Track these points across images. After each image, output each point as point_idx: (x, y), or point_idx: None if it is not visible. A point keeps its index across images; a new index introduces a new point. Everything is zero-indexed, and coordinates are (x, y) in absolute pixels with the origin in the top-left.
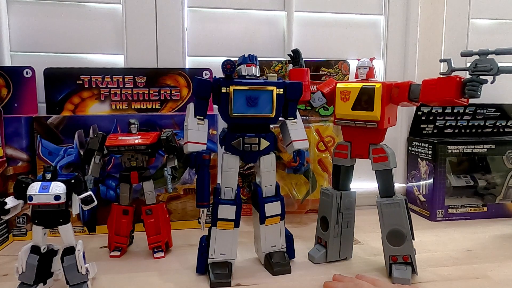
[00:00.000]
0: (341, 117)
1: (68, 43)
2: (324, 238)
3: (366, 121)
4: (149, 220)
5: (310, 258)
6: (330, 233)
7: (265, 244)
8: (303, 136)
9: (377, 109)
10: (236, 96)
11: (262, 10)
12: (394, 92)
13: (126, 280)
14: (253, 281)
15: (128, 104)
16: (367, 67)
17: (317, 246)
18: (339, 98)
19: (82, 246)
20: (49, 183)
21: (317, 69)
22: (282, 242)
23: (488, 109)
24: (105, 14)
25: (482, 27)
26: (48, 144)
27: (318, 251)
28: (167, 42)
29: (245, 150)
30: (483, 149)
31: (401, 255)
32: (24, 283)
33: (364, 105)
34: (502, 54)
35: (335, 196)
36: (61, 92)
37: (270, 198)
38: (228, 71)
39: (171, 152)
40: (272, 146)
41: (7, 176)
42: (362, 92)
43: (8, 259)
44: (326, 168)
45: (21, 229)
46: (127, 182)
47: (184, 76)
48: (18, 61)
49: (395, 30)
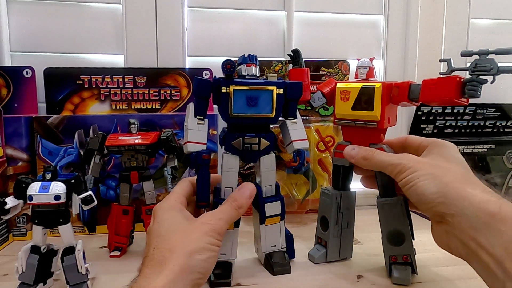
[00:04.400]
0: (341, 117)
1: (68, 43)
2: (324, 238)
3: (366, 121)
4: (149, 220)
5: (310, 258)
6: (330, 233)
7: (265, 244)
8: (303, 136)
9: (377, 109)
10: (236, 96)
11: (262, 10)
12: (394, 92)
13: (126, 280)
14: (253, 281)
15: (128, 104)
16: (367, 67)
17: (317, 246)
18: (339, 98)
19: (82, 246)
20: (49, 183)
21: (317, 69)
22: (282, 242)
23: (488, 109)
24: (105, 14)
25: (482, 27)
26: (48, 144)
27: (318, 251)
28: (167, 42)
29: (245, 150)
30: (483, 149)
31: (401, 255)
32: (24, 283)
33: (364, 105)
34: (502, 54)
35: (335, 196)
36: (61, 92)
37: (270, 198)
38: (228, 71)
39: (171, 152)
40: (272, 146)
41: (7, 176)
42: (362, 92)
43: (8, 259)
44: (326, 168)
45: (21, 229)
46: (127, 182)
47: (184, 76)
48: (18, 61)
49: (395, 30)
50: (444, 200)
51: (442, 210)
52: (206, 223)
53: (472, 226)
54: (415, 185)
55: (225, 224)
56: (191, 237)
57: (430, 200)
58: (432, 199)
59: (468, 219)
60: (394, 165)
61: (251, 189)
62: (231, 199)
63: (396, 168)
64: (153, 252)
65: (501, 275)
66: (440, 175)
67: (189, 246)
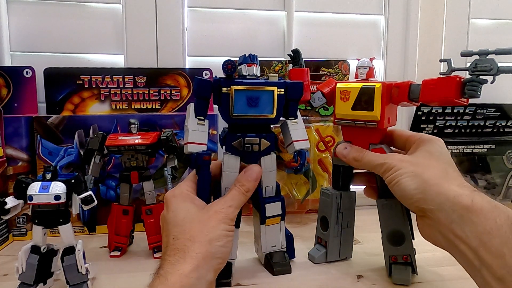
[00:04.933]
0: (341, 117)
1: (68, 43)
2: (324, 238)
3: (366, 121)
4: (149, 220)
5: (310, 258)
6: (330, 233)
7: (265, 244)
8: (304, 136)
9: (377, 109)
10: (237, 97)
11: (262, 10)
12: (394, 92)
13: (126, 280)
14: (253, 281)
15: (128, 104)
16: (367, 67)
17: (317, 246)
18: (339, 98)
19: (82, 246)
20: (49, 183)
21: (317, 69)
22: (282, 242)
23: (488, 109)
24: (105, 14)
25: (482, 27)
26: (48, 144)
27: (318, 251)
28: (167, 42)
29: (245, 150)
30: (483, 149)
31: (401, 255)
32: (24, 283)
33: (364, 105)
34: (502, 54)
35: (335, 196)
36: (61, 92)
37: (270, 199)
38: (229, 71)
39: (171, 152)
40: (273, 146)
41: (7, 176)
42: (362, 92)
43: (8, 259)
44: (326, 168)
45: (21, 229)
46: (127, 182)
47: (184, 76)
48: (18, 61)
49: (395, 30)
50: (424, 196)
51: (422, 205)
52: (219, 212)
53: (449, 219)
54: (398, 182)
55: (236, 209)
56: (208, 226)
57: (411, 196)
58: (412, 195)
59: (445, 213)
60: (380, 164)
61: (257, 171)
62: (238, 184)
63: (382, 167)
64: (174, 242)
65: (477, 263)
66: (420, 172)
67: (208, 235)
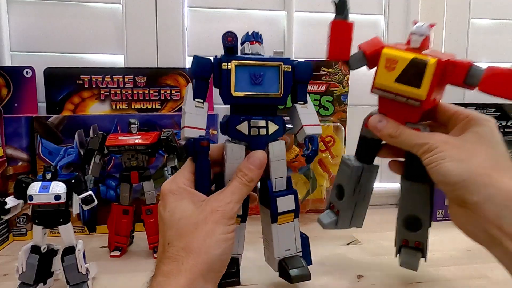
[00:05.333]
0: (380, 87)
1: (68, 43)
2: (337, 207)
3: (409, 97)
4: (149, 220)
5: (319, 222)
6: (344, 202)
7: (278, 248)
8: (315, 121)
9: (425, 87)
10: (239, 73)
11: (262, 10)
12: (448, 70)
13: (126, 280)
14: (253, 281)
15: (128, 104)
16: (423, 35)
17: (328, 212)
18: (383, 65)
19: (82, 246)
20: (49, 182)
21: (317, 69)
22: (297, 245)
23: (488, 109)
24: (105, 14)
25: (482, 27)
26: (48, 144)
27: (328, 217)
28: (167, 42)
29: (252, 135)
30: None
31: (414, 240)
32: (24, 283)
33: (411, 79)
34: None
35: (356, 169)
36: (61, 92)
37: (282, 192)
38: (229, 43)
39: (171, 152)
40: (281, 130)
41: (7, 176)
42: (412, 63)
43: (8, 259)
44: (326, 168)
45: (21, 229)
46: (127, 182)
47: (184, 76)
48: (18, 61)
49: (395, 30)
50: (468, 185)
51: (464, 195)
52: (216, 211)
53: (498, 215)
54: (439, 165)
55: (236, 204)
56: (204, 230)
57: (453, 183)
58: (455, 182)
59: (494, 208)
60: (421, 144)
61: (261, 158)
62: (240, 173)
63: (422, 147)
64: (168, 249)
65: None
66: (466, 158)
67: (205, 242)
